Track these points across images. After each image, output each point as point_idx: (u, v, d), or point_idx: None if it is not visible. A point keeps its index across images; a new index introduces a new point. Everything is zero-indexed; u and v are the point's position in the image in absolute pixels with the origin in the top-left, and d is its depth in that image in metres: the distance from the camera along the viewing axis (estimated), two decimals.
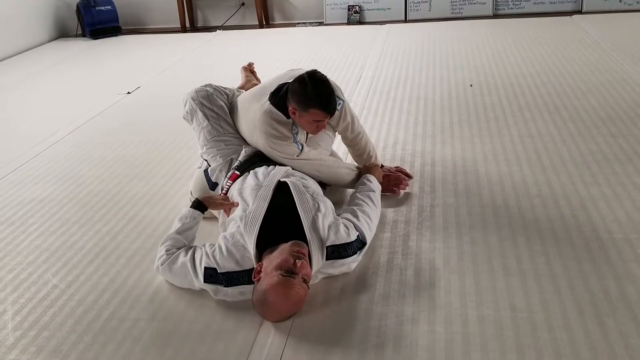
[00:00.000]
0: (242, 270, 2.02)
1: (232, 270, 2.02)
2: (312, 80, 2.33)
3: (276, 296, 1.87)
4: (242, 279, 2.02)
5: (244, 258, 2.03)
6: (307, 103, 2.33)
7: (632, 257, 2.16)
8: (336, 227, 2.13)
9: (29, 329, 2.03)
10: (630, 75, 4.19)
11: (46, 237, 2.64)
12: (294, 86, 2.36)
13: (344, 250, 2.12)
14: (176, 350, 1.88)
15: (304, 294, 1.93)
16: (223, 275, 2.03)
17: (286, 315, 1.95)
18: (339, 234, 2.11)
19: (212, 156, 2.63)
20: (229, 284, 2.03)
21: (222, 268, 2.02)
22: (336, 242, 2.10)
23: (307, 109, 2.34)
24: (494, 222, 2.46)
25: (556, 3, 6.67)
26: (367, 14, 6.96)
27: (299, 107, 2.35)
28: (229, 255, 2.03)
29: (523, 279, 2.09)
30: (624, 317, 1.87)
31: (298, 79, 2.37)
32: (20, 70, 5.82)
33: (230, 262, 2.02)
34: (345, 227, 2.16)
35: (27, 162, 3.50)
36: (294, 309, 1.95)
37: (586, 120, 3.44)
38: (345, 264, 2.15)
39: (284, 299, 1.88)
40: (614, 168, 2.84)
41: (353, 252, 2.15)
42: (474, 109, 3.78)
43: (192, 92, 2.81)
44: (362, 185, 2.54)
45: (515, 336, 1.82)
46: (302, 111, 2.35)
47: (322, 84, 2.35)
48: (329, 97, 2.35)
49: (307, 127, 2.44)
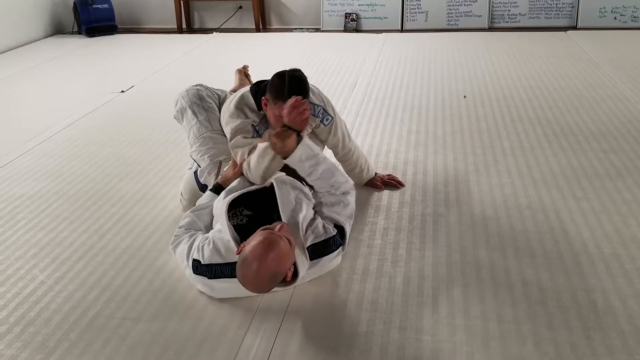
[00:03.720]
0: (225, 263, 2.03)
1: (216, 263, 2.04)
2: (290, 76, 2.32)
3: (257, 248, 1.85)
4: (225, 271, 2.02)
5: (228, 251, 2.03)
6: (278, 96, 2.30)
7: (620, 273, 2.17)
8: (314, 225, 2.12)
9: (14, 324, 2.02)
10: (622, 92, 4.22)
11: (35, 232, 2.62)
12: (272, 79, 2.36)
13: (327, 246, 2.11)
14: (162, 350, 1.88)
15: (284, 247, 1.88)
16: (206, 267, 2.05)
17: (268, 273, 1.86)
18: (317, 230, 2.11)
19: (200, 156, 2.62)
20: (212, 276, 2.04)
21: (205, 260, 2.05)
22: (316, 241, 2.10)
23: (276, 101, 2.31)
24: (483, 232, 2.47)
25: (551, 18, 6.73)
26: (363, 22, 6.98)
27: (270, 98, 2.34)
28: (214, 247, 2.06)
29: (511, 290, 2.09)
30: (611, 331, 1.88)
31: (278, 73, 2.36)
32: (14, 66, 5.80)
33: (214, 255, 2.04)
34: (324, 224, 2.14)
35: (17, 157, 3.48)
36: (276, 266, 1.86)
37: (578, 135, 3.47)
38: (331, 259, 2.15)
39: (265, 249, 1.84)
40: (604, 183, 2.86)
41: (336, 247, 2.14)
42: (467, 120, 3.79)
43: (183, 91, 2.82)
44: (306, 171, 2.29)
45: (502, 347, 1.83)
46: (272, 103, 2.34)
47: (298, 82, 2.32)
48: (299, 95, 2.29)
49: (273, 121, 2.39)
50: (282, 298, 2.09)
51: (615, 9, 6.57)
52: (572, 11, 6.68)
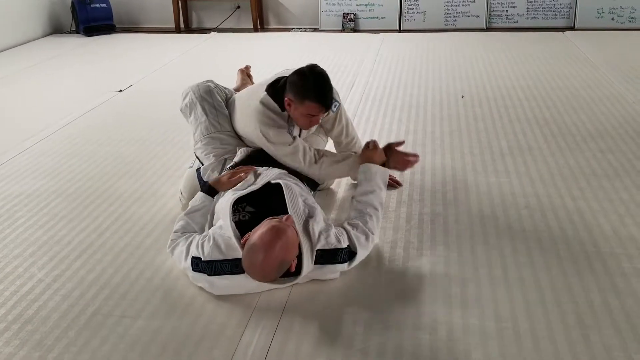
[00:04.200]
0: (225, 260, 2.03)
1: (216, 259, 2.04)
2: (312, 73, 2.33)
3: (265, 233, 1.89)
4: (226, 268, 2.03)
5: (229, 248, 2.03)
6: (305, 95, 2.31)
7: (617, 272, 2.18)
8: (327, 233, 2.12)
9: (12, 322, 2.02)
10: (620, 92, 4.24)
11: (33, 231, 2.62)
12: (292, 78, 2.36)
13: (333, 256, 2.10)
14: (160, 348, 1.88)
15: (292, 236, 1.93)
16: (207, 264, 2.04)
17: (275, 260, 1.89)
18: (330, 239, 2.10)
19: (205, 153, 2.62)
20: (212, 272, 2.04)
21: (206, 257, 2.04)
22: (326, 247, 2.09)
23: (303, 101, 2.32)
24: (481, 232, 2.48)
25: (549, 19, 6.74)
26: (361, 22, 6.99)
27: (296, 99, 2.34)
28: (214, 244, 2.05)
29: (509, 289, 2.10)
30: (608, 330, 1.88)
31: (298, 70, 2.36)
32: (12, 65, 5.79)
33: (214, 251, 2.04)
34: (336, 235, 2.14)
35: (16, 156, 3.48)
36: (283, 253, 1.90)
37: (575, 135, 3.48)
38: (334, 271, 2.14)
39: (273, 234, 1.88)
40: (601, 183, 2.87)
41: (343, 260, 2.13)
42: (465, 120, 3.80)
43: (194, 86, 2.80)
44: (364, 184, 2.40)
45: (500, 345, 1.83)
46: (298, 103, 2.34)
47: (321, 78, 2.34)
48: (326, 92, 2.35)
49: (300, 121, 2.43)
50: (280, 296, 2.09)
51: (613, 10, 6.58)
52: (570, 12, 6.69)
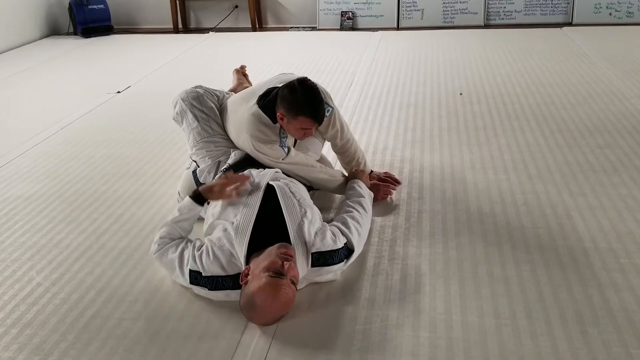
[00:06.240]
0: (226, 275, 2.01)
1: (217, 275, 2.01)
2: (302, 88, 2.33)
3: (265, 297, 1.86)
4: (227, 284, 2.01)
5: (230, 263, 2.02)
6: (296, 110, 2.32)
7: (615, 267, 2.18)
8: (323, 234, 2.11)
9: (11, 326, 2.02)
10: (618, 88, 4.23)
11: (32, 234, 2.62)
12: (283, 92, 2.35)
13: (330, 257, 2.10)
14: (160, 350, 1.88)
15: (292, 295, 1.92)
16: (207, 279, 2.02)
17: (274, 317, 1.94)
18: (325, 240, 2.09)
19: (201, 157, 2.62)
20: (213, 287, 2.02)
21: (206, 272, 2.02)
22: (322, 249, 2.08)
23: (295, 116, 2.33)
24: (480, 229, 2.48)
25: (547, 15, 6.74)
26: (359, 21, 6.98)
27: (288, 114, 2.34)
28: (214, 259, 2.02)
29: (508, 286, 2.10)
30: (607, 325, 1.88)
31: (288, 85, 2.36)
32: (10, 67, 5.79)
33: (215, 266, 2.01)
34: (332, 234, 2.14)
35: (14, 159, 3.48)
36: (282, 311, 1.94)
37: (573, 131, 3.47)
38: (331, 271, 2.13)
39: (272, 300, 1.87)
40: (600, 178, 2.86)
41: (340, 260, 2.13)
42: (463, 117, 3.80)
43: (182, 93, 2.79)
44: (352, 191, 2.52)
45: (499, 343, 1.83)
46: (291, 118, 2.35)
47: (312, 92, 2.34)
48: (318, 106, 2.35)
49: (294, 134, 2.45)
50: None
51: (611, 5, 6.58)
52: (568, 7, 6.69)
